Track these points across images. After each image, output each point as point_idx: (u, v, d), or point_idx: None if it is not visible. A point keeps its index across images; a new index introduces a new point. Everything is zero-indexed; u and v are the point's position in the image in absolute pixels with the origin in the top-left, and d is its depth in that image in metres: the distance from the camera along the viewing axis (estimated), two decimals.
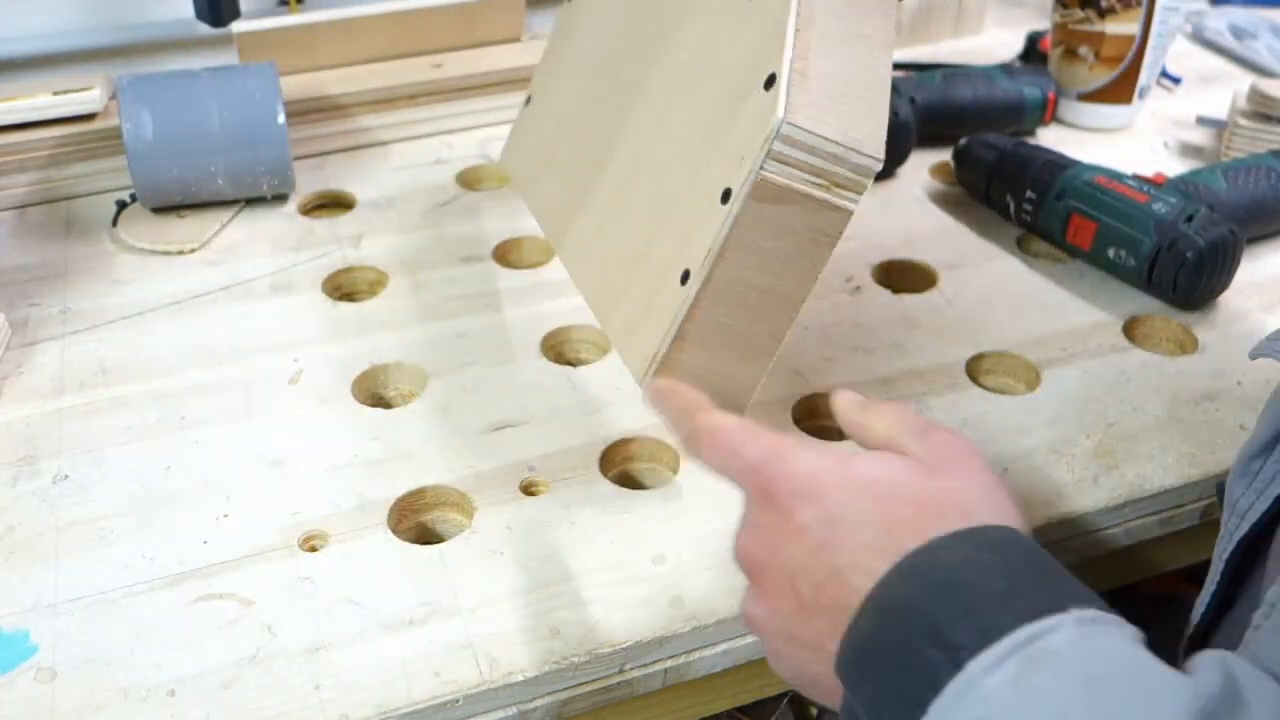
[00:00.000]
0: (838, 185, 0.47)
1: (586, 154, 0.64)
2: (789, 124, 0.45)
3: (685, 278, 0.49)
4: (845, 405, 0.48)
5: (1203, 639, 0.50)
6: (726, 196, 0.48)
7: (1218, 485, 0.56)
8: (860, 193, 0.47)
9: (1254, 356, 0.51)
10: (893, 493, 0.41)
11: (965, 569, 0.37)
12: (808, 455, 0.42)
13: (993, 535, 0.38)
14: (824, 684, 0.41)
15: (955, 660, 0.34)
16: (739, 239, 0.48)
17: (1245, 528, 0.47)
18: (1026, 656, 0.33)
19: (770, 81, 0.47)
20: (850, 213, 0.48)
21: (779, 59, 0.47)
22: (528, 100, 0.74)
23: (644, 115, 0.59)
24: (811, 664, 0.41)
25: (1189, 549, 0.65)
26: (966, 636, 0.35)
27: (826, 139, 0.46)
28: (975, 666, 0.34)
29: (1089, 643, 0.34)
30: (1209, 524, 0.62)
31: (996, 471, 0.43)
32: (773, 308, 0.50)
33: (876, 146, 0.47)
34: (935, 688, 0.34)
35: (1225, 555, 0.48)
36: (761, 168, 0.46)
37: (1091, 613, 0.35)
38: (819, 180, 0.47)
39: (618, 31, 0.65)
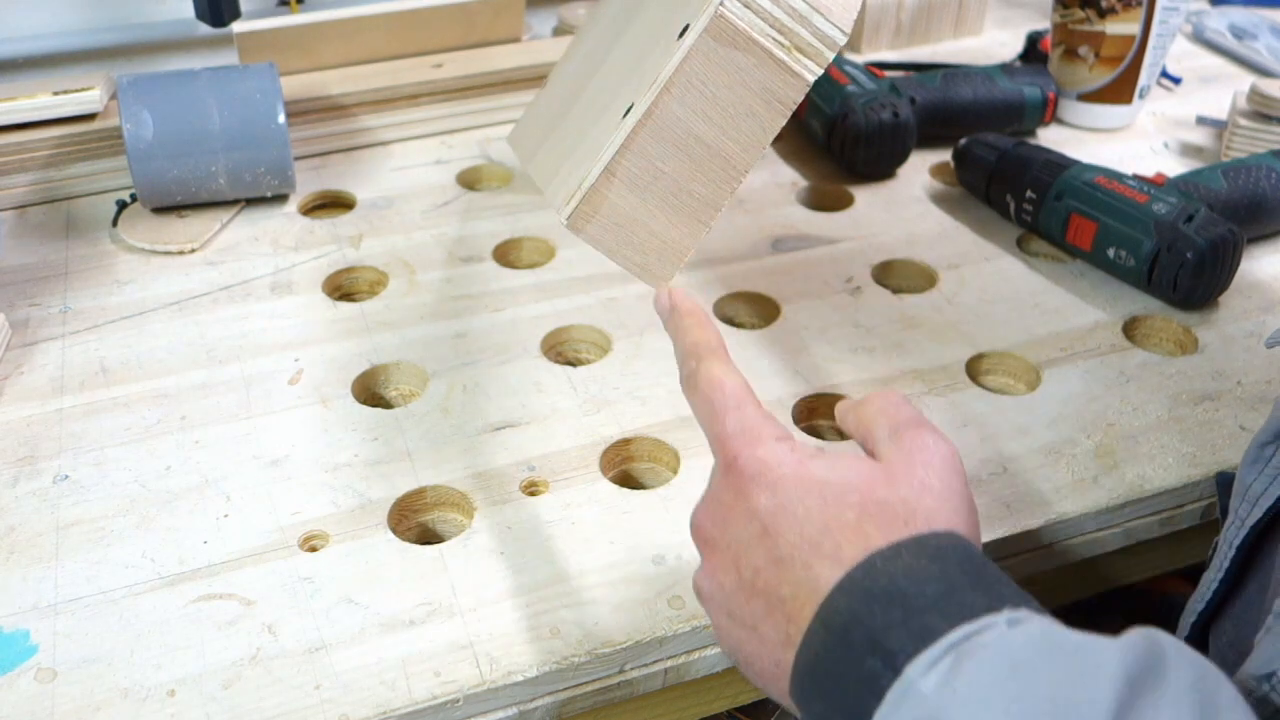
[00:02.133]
0: (799, 49, 0.46)
1: (569, 96, 0.63)
2: None
3: (628, 112, 0.48)
4: (842, 405, 0.48)
5: (1204, 628, 0.50)
6: (685, 33, 0.47)
7: (1218, 477, 0.56)
8: (821, 65, 0.47)
9: (1270, 345, 0.52)
10: (841, 496, 0.41)
11: (903, 578, 0.38)
12: (777, 446, 0.43)
13: (933, 543, 0.39)
14: (757, 665, 0.42)
15: (893, 666, 0.35)
16: (688, 74, 0.46)
17: (1259, 514, 0.47)
18: (958, 654, 0.34)
19: None
20: (808, 83, 0.47)
21: None
22: (543, 88, 0.74)
23: (625, 39, 0.58)
24: (747, 643, 0.42)
25: (1189, 549, 0.65)
26: (903, 642, 0.35)
27: None
28: (912, 670, 0.35)
29: (1017, 631, 0.35)
30: (1209, 524, 0.62)
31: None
32: (713, 168, 0.48)
33: (845, 20, 0.46)
34: (878, 695, 0.35)
35: (1237, 542, 0.48)
36: (722, 3, 0.45)
37: (1023, 612, 0.36)
38: (780, 38, 0.46)
39: (620, 11, 0.64)
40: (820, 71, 0.47)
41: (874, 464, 0.43)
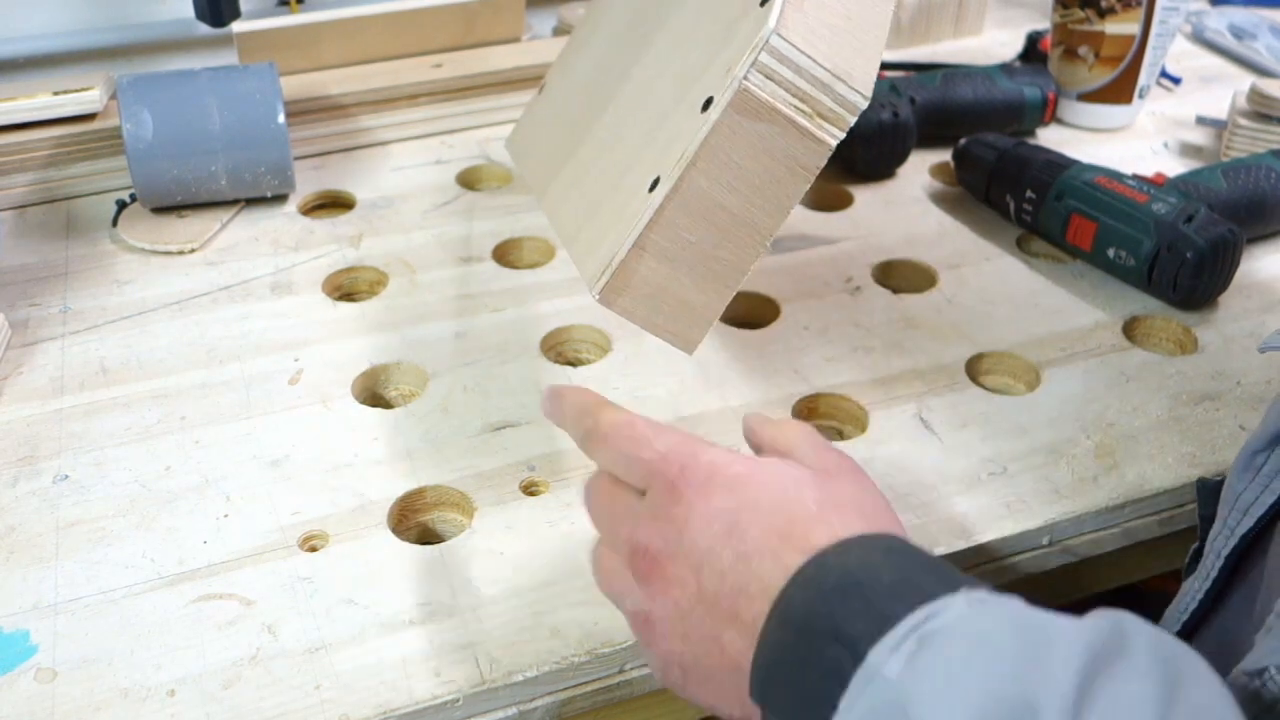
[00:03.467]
0: (821, 115, 0.46)
1: (583, 115, 0.63)
2: (779, 36, 0.45)
3: (654, 185, 0.48)
4: (752, 420, 0.48)
5: (1187, 636, 0.50)
6: (708, 105, 0.47)
7: (1199, 484, 0.55)
8: (843, 129, 0.47)
9: (1264, 350, 0.52)
10: (799, 490, 0.42)
11: (859, 569, 0.38)
12: (717, 450, 0.44)
13: (882, 542, 0.40)
14: (715, 679, 0.42)
15: (856, 652, 0.35)
16: (714, 148, 0.47)
17: (1249, 523, 0.47)
18: (921, 636, 0.34)
19: None
20: (830, 148, 0.47)
21: None
22: (541, 89, 0.73)
23: (646, 63, 0.58)
24: (704, 658, 0.42)
25: (1188, 549, 0.65)
26: (864, 628, 0.36)
27: (816, 62, 0.45)
28: (875, 655, 0.35)
29: (979, 610, 0.35)
30: (1208, 522, 0.62)
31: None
32: (740, 234, 0.49)
33: (865, 84, 0.46)
34: (842, 683, 0.35)
35: (1225, 551, 0.48)
36: (745, 77, 0.45)
37: (982, 593, 0.36)
38: (802, 105, 0.46)
39: (627, 21, 0.64)
40: (842, 135, 0.47)
41: (812, 468, 0.44)
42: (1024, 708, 0.31)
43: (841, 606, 0.37)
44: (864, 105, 0.46)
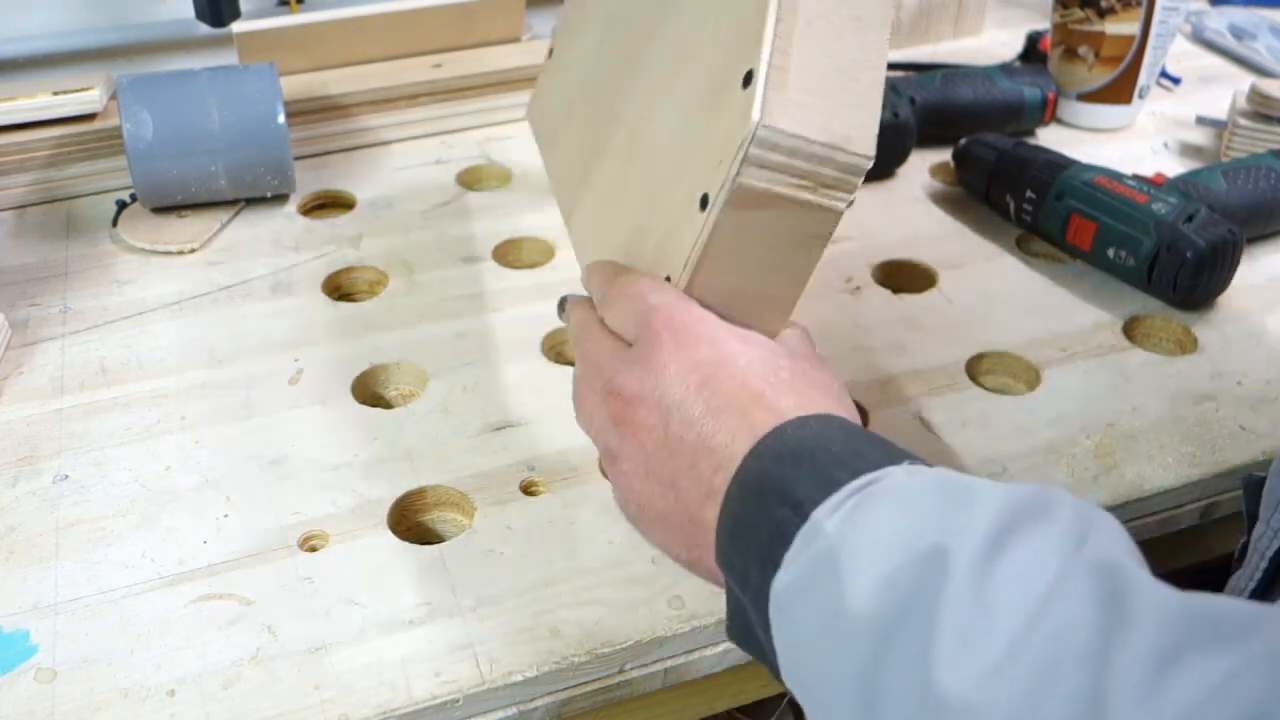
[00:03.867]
0: (825, 186, 0.44)
1: (592, 125, 0.61)
2: (765, 127, 0.42)
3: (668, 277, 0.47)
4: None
5: None
6: (705, 203, 0.45)
7: (1245, 480, 0.55)
8: (851, 192, 0.45)
9: None
10: (775, 359, 0.45)
11: (811, 441, 0.40)
12: (707, 312, 0.46)
13: (838, 420, 0.42)
14: (669, 522, 0.44)
15: (801, 513, 0.38)
16: (718, 248, 0.45)
17: None
18: (860, 498, 0.37)
19: (748, 79, 0.44)
20: (840, 212, 0.45)
21: (757, 53, 0.43)
22: (550, 53, 0.71)
23: (642, 90, 0.56)
24: (660, 500, 0.44)
25: (1188, 549, 0.65)
26: (811, 491, 0.38)
27: (809, 140, 0.43)
28: (818, 513, 0.38)
29: (913, 476, 0.38)
30: (1209, 524, 0.62)
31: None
32: (759, 309, 0.48)
33: (867, 143, 0.44)
34: (787, 540, 0.38)
35: (1270, 552, 0.48)
36: (738, 174, 0.43)
37: (920, 465, 0.39)
38: (803, 182, 0.44)
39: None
40: (852, 197, 0.45)
41: (791, 349, 0.47)
42: (936, 553, 0.34)
43: (793, 472, 0.39)
44: (869, 165, 0.44)
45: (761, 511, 0.40)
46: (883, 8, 0.46)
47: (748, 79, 0.43)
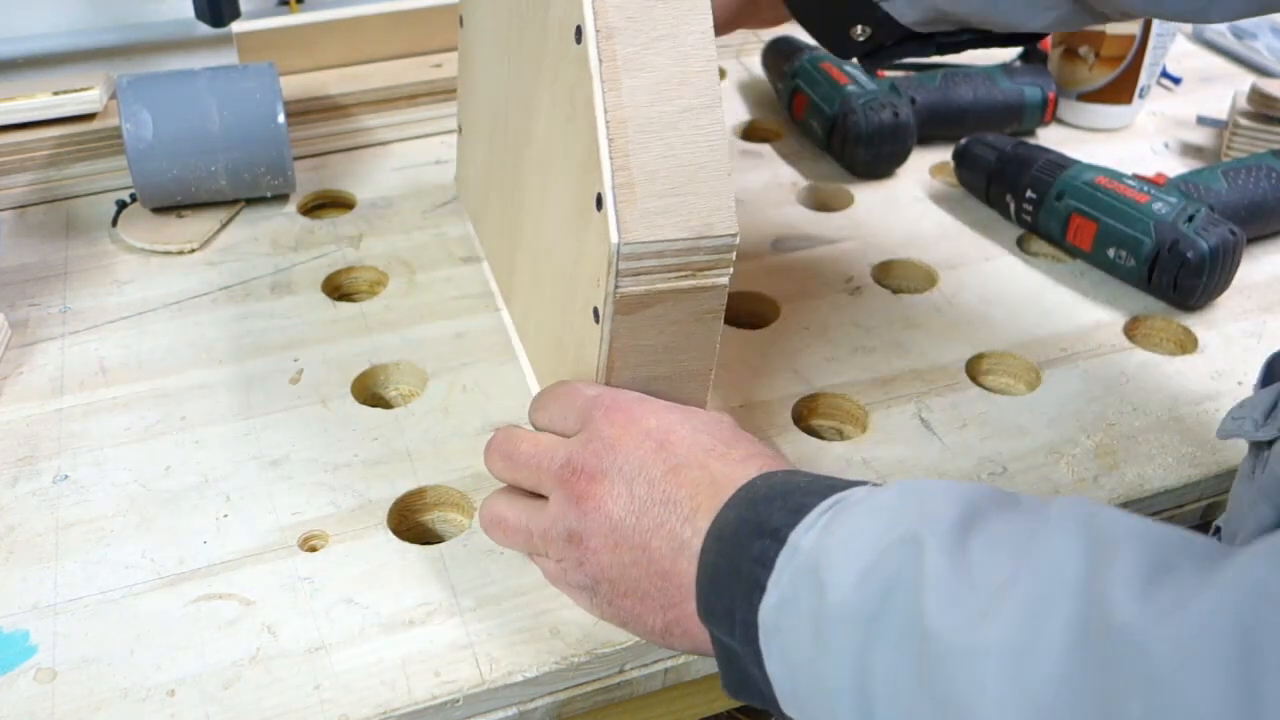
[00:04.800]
0: (701, 270, 0.47)
1: (506, 213, 0.65)
2: (626, 244, 0.45)
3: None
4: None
5: None
6: (597, 316, 0.49)
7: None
8: (728, 266, 0.48)
9: (1221, 437, 0.53)
10: (716, 420, 0.50)
11: (779, 485, 0.43)
12: (640, 394, 0.51)
13: (801, 471, 0.46)
14: (641, 588, 0.46)
15: (779, 538, 0.41)
16: (622, 349, 0.49)
17: None
18: (832, 514, 0.40)
19: (599, 202, 0.46)
20: (724, 286, 0.48)
21: (598, 177, 0.46)
22: (459, 129, 0.75)
23: (533, 188, 0.59)
24: (630, 568, 0.46)
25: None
26: (786, 519, 0.41)
27: (671, 240, 0.46)
28: (795, 534, 0.40)
29: (879, 491, 0.41)
30: (1209, 524, 0.62)
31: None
32: (683, 385, 0.52)
33: (728, 223, 0.47)
34: (769, 566, 0.41)
35: None
36: (617, 287, 0.47)
37: (885, 484, 0.42)
38: (680, 273, 0.47)
39: (497, 77, 0.64)
40: (729, 270, 0.48)
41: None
42: (910, 540, 0.36)
43: (766, 510, 0.42)
44: (736, 240, 0.47)
45: (740, 550, 0.42)
46: (709, 89, 0.47)
47: (599, 202, 0.46)
